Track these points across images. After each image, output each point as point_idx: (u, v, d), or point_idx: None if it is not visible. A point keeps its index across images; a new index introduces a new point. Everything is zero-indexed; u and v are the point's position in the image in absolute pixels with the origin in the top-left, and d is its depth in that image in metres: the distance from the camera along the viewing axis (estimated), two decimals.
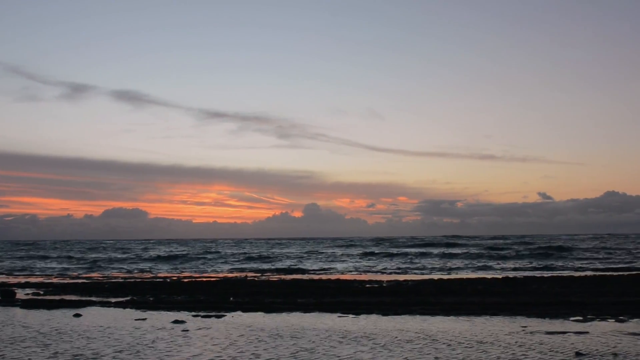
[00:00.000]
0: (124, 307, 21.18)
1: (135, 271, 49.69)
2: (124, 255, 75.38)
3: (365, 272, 44.65)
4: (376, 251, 75.54)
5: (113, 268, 54.82)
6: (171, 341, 14.06)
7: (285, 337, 14.51)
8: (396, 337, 14.22)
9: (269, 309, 20.04)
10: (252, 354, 12.46)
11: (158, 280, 35.52)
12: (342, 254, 71.91)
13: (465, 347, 12.91)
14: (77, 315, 18.99)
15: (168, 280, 35.49)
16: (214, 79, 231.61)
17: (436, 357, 11.88)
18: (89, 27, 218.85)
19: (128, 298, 24.05)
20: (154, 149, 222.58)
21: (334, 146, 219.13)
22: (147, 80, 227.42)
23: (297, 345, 13.32)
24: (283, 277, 37.88)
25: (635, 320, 16.55)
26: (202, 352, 12.67)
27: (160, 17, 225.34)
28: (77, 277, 41.25)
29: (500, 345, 12.99)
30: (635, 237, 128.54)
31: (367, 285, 27.90)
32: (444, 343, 13.41)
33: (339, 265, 53.14)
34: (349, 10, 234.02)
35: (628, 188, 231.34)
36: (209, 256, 70.90)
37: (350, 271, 45.67)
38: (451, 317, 17.68)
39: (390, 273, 42.26)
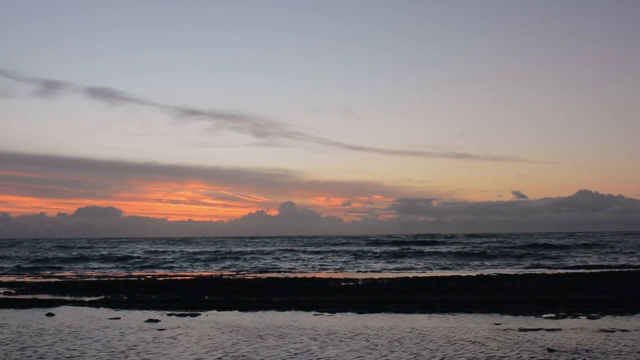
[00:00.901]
0: (98, 307, 20.99)
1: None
2: (69, 255, 73.39)
3: (341, 270, 44.75)
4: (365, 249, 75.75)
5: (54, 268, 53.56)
6: (145, 340, 13.96)
7: (260, 335, 14.48)
8: (372, 335, 14.26)
9: (244, 307, 19.99)
10: (226, 352, 12.42)
11: (132, 279, 35.27)
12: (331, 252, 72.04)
13: (440, 344, 12.99)
14: (50, 315, 18.78)
15: (142, 279, 35.26)
16: (190, 77, 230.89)
17: (413, 354, 11.93)
18: (63, 23, 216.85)
19: (102, 297, 23.84)
20: (128, 146, 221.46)
21: (310, 145, 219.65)
22: (122, 78, 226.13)
23: (273, 343, 13.31)
24: (259, 275, 37.81)
25: (606, 317, 16.78)
26: (175, 351, 12.61)
27: (136, 14, 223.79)
28: (50, 276, 40.79)
29: (474, 342, 13.09)
30: (611, 235, 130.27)
31: (343, 284, 27.96)
32: (418, 340, 13.47)
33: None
34: (325, 9, 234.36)
35: (600, 187, 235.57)
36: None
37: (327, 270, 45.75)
38: (426, 315, 17.79)
39: (366, 271, 42.39)
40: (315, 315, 18.18)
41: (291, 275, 36.43)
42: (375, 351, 12.34)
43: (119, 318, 17.86)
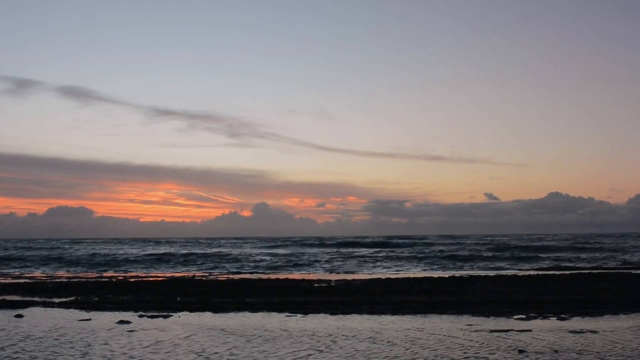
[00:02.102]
0: (68, 308, 20.73)
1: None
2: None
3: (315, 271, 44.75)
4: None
5: None
6: (116, 342, 13.83)
7: (232, 336, 14.42)
8: (345, 336, 14.27)
9: (216, 308, 19.89)
10: (196, 354, 12.35)
11: (103, 280, 34.90)
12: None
13: (411, 346, 13.04)
14: (19, 316, 18.51)
15: (114, 280, 34.92)
16: (164, 76, 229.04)
17: (386, 357, 11.96)
18: (35, 22, 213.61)
19: (72, 298, 23.57)
20: (100, 146, 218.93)
21: (284, 145, 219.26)
22: (95, 77, 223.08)
23: (245, 344, 13.26)
24: (231, 276, 37.66)
25: (576, 318, 16.98)
26: (146, 352, 12.51)
27: (109, 13, 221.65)
28: (19, 277, 40.21)
29: (445, 343, 13.16)
30: (582, 237, 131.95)
31: (316, 285, 27.96)
32: (390, 341, 13.51)
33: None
34: (300, 8, 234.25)
35: (571, 189, 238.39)
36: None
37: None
38: (398, 316, 17.85)
39: (339, 272, 42.43)
40: (287, 316, 18.15)
41: (264, 276, 36.33)
42: (342, 350, 12.35)
43: (89, 319, 17.66)
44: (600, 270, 37.13)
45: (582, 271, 36.65)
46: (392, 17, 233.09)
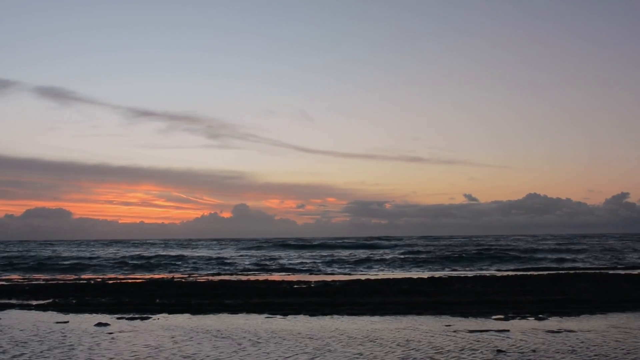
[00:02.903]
0: (45, 310, 20.54)
1: None
2: None
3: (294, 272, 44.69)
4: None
5: None
6: (94, 344, 13.72)
7: (210, 338, 14.36)
8: (323, 337, 14.28)
9: (195, 310, 19.81)
10: (174, 355, 12.29)
11: (82, 282, 34.62)
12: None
13: (390, 346, 13.07)
14: None
15: (92, 282, 34.64)
16: (143, 78, 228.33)
17: (364, 356, 11.97)
18: (12, 23, 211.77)
19: (50, 300, 23.34)
20: (79, 147, 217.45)
21: (264, 147, 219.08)
22: (73, 78, 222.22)
23: (224, 346, 13.22)
24: (211, 278, 37.52)
25: (553, 318, 17.12)
26: (124, 355, 12.42)
27: (89, 14, 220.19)
28: None
29: (424, 344, 13.21)
30: (560, 237, 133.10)
31: (295, 286, 27.94)
32: (370, 342, 13.53)
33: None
34: (280, 10, 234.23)
35: (548, 190, 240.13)
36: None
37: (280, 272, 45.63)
38: (377, 317, 17.88)
39: (319, 273, 42.44)
40: (267, 317, 18.11)
41: (244, 278, 36.25)
42: (323, 351, 12.36)
43: (67, 322, 17.50)
44: (577, 271, 37.47)
45: (560, 272, 36.98)
46: (372, 18, 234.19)
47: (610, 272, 35.61)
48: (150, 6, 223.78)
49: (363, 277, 34.54)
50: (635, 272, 35.12)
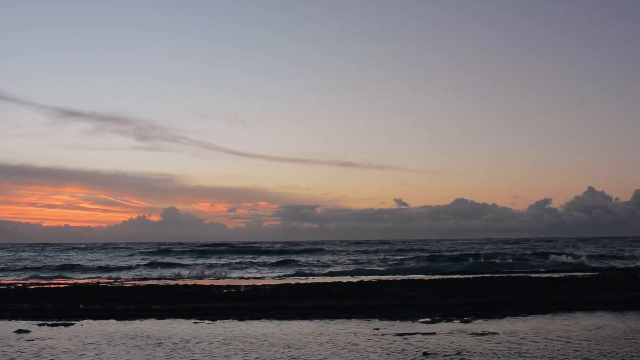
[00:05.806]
0: None
1: None
2: None
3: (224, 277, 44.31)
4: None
5: None
6: (14, 351, 13.23)
7: (136, 345, 14.07)
8: (251, 342, 14.18)
9: (121, 316, 19.37)
10: None
11: (1, 287, 33.40)
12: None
13: (319, 350, 13.09)
14: None
15: (12, 287, 33.47)
16: (70, 77, 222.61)
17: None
18: None
19: None
20: (0, 147, 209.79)
21: (195, 149, 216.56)
22: None
23: (149, 352, 12.97)
24: (137, 283, 36.79)
25: (478, 320, 17.48)
26: None
27: (14, 13, 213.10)
28: None
29: (353, 347, 13.28)
30: (486, 242, 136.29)
31: (225, 291, 27.69)
32: (298, 347, 13.52)
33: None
34: (211, 11, 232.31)
35: (476, 196, 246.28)
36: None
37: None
38: (306, 321, 17.89)
39: (249, 278, 42.20)
40: (195, 322, 17.87)
41: (172, 283, 35.71)
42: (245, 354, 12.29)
43: None
44: (501, 275, 38.43)
45: (485, 275, 37.83)
46: (305, 20, 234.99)
47: (532, 275, 36.66)
48: (79, 6, 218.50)
49: (293, 281, 34.53)
50: (556, 275, 36.26)
